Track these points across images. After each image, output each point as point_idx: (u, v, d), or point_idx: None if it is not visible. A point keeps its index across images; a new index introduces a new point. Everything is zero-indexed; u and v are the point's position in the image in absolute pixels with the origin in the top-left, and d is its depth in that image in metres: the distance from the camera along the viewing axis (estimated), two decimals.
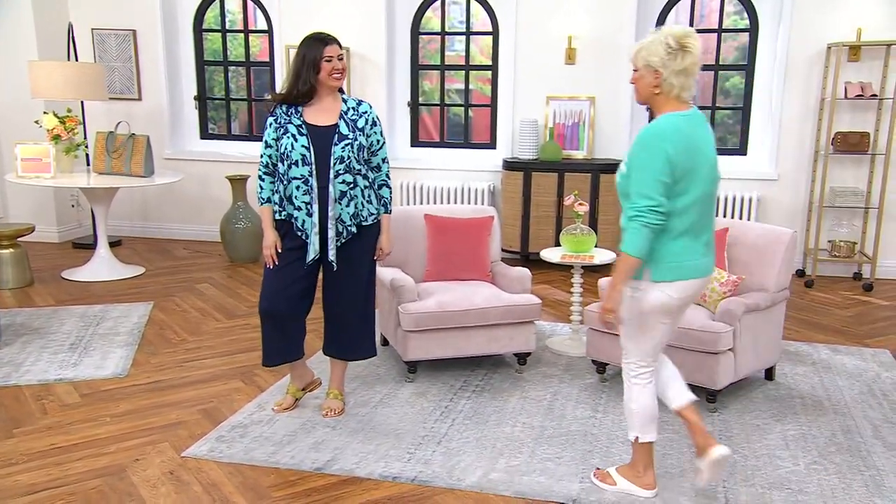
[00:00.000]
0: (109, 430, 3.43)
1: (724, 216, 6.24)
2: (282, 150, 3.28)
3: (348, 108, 3.35)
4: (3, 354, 4.29)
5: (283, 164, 3.29)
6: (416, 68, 6.98)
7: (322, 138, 3.27)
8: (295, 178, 3.27)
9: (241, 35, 7.26)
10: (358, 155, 3.31)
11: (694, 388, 3.81)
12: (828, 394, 3.91)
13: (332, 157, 3.25)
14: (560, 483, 3.01)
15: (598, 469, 3.07)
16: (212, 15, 7.25)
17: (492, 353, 4.06)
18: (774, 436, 3.44)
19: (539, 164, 6.31)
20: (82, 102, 6.67)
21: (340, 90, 3.41)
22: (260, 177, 3.40)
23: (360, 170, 3.34)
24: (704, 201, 2.70)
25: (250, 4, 7.14)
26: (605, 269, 6.11)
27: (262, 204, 3.40)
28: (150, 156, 6.03)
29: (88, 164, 6.54)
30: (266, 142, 3.35)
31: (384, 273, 4.12)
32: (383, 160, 3.47)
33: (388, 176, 3.49)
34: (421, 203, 6.74)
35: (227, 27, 7.25)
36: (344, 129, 3.29)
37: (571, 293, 4.54)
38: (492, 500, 2.89)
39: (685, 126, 2.64)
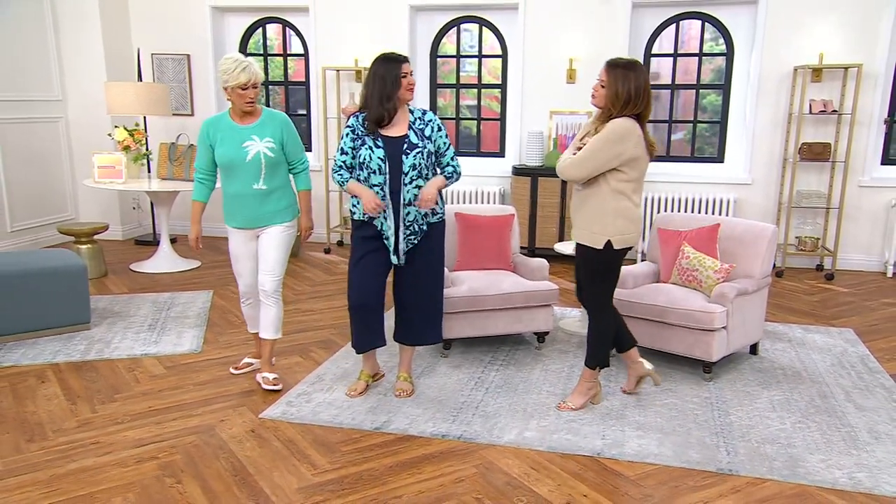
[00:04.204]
0: (194, 396, 3.54)
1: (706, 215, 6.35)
2: (360, 160, 3.24)
3: (415, 119, 3.30)
4: (94, 333, 4.41)
5: (363, 172, 3.25)
6: (434, 87, 7.09)
7: (394, 148, 3.23)
8: (374, 186, 3.24)
9: (280, 58, 7.36)
10: (428, 161, 3.28)
11: (692, 360, 3.98)
12: (804, 366, 4.05)
13: (404, 165, 3.22)
14: (585, 440, 3.13)
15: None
16: (254, 41, 7.35)
17: (515, 332, 4.18)
18: (762, 400, 3.57)
19: (544, 170, 6.43)
20: (145, 117, 6.75)
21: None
22: (337, 170, 3.29)
23: (429, 175, 3.31)
24: None
25: (288, 31, 7.24)
26: None
27: (344, 185, 3.28)
28: None
29: (149, 171, 6.64)
30: (342, 148, 3.29)
31: None
32: (452, 158, 3.38)
33: (452, 160, 3.36)
34: None
35: (268, 51, 7.36)
36: (414, 139, 3.25)
37: None
38: (528, 454, 3.01)
39: None
